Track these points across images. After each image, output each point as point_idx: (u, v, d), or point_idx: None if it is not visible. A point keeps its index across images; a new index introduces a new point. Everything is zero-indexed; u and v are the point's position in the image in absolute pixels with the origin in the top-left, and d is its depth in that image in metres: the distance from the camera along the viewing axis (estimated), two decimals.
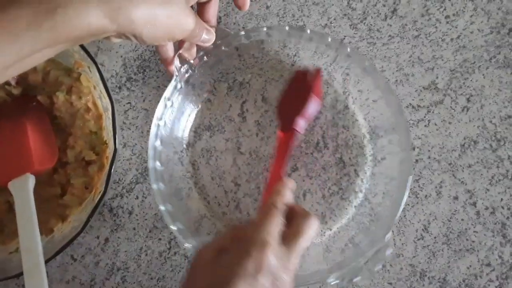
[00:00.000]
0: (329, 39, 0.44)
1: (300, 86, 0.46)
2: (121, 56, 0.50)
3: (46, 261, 0.40)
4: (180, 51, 0.43)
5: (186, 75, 0.45)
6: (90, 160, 0.45)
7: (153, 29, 0.33)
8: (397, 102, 0.44)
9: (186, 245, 0.43)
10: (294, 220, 0.37)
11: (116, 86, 0.50)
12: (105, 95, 0.42)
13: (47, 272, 0.48)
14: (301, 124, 0.46)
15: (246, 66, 0.49)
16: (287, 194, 0.39)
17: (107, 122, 0.45)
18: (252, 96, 0.49)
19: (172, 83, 0.44)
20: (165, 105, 0.45)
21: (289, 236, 0.36)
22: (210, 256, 0.35)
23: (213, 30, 0.42)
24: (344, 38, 0.50)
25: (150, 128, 0.49)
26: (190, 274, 0.35)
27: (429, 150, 0.49)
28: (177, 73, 0.44)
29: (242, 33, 0.44)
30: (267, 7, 0.50)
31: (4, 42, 0.29)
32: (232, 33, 0.44)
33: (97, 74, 0.42)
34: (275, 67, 0.49)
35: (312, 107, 0.46)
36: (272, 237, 0.34)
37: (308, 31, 0.44)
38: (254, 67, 0.50)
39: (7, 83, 0.46)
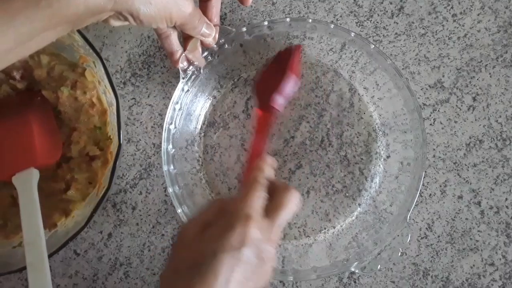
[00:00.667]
0: (332, 26, 0.43)
1: (279, 64, 0.46)
2: (126, 52, 0.50)
3: (49, 255, 0.40)
4: (185, 53, 0.43)
5: (193, 77, 0.45)
6: (94, 155, 0.45)
7: (150, 7, 0.33)
8: (413, 98, 0.44)
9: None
10: (275, 194, 0.37)
11: (121, 81, 0.50)
12: (110, 90, 0.42)
13: (50, 267, 0.48)
14: (279, 101, 0.45)
15: (251, 63, 0.49)
16: (268, 170, 0.39)
17: (111, 118, 0.45)
18: None
19: (179, 86, 0.44)
20: (174, 109, 0.45)
21: (271, 209, 0.36)
22: (193, 232, 0.35)
23: (213, 25, 0.42)
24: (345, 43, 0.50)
25: (154, 124, 0.50)
26: (174, 252, 0.35)
27: (434, 149, 0.49)
28: (183, 76, 0.44)
29: (244, 29, 0.44)
30: (273, 4, 0.50)
31: (0, 23, 0.29)
32: (234, 30, 0.44)
33: (102, 69, 0.42)
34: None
35: (289, 84, 0.45)
36: (255, 210, 0.35)
37: (310, 20, 0.44)
38: (259, 63, 0.49)
39: (12, 77, 0.46)
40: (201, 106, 0.49)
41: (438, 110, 0.49)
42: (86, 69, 0.46)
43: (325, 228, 0.48)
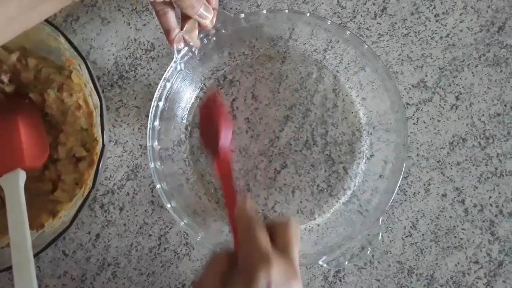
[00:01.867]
0: (329, 23, 0.44)
1: (209, 115, 0.47)
2: (113, 55, 0.51)
3: (35, 255, 0.40)
4: (181, 33, 0.43)
5: (186, 57, 0.45)
6: (81, 156, 0.46)
7: None
8: (398, 97, 0.44)
9: (182, 224, 0.44)
10: (277, 230, 0.36)
11: (108, 84, 0.51)
12: (92, 89, 0.42)
13: (39, 267, 0.49)
14: (225, 147, 0.46)
15: (236, 64, 0.50)
16: (250, 207, 0.38)
17: (97, 119, 0.45)
18: (242, 94, 0.50)
19: (172, 64, 0.45)
20: (165, 86, 0.45)
21: (282, 246, 0.35)
22: (215, 286, 0.34)
23: (211, 8, 0.42)
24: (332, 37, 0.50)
25: (141, 126, 0.50)
26: None
27: (417, 148, 0.49)
28: (177, 55, 0.44)
29: (242, 15, 0.44)
30: (258, 6, 0.51)
31: None
32: (232, 16, 0.44)
33: (86, 71, 0.42)
34: (265, 64, 0.50)
35: (226, 132, 0.46)
36: (269, 251, 0.33)
37: (308, 14, 0.44)
38: (243, 64, 0.50)
39: (1, 80, 0.47)
40: (186, 105, 0.50)
41: (421, 110, 0.50)
42: (72, 71, 0.46)
43: (309, 226, 0.49)
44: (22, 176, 0.43)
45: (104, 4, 0.50)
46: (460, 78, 0.50)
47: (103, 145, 0.42)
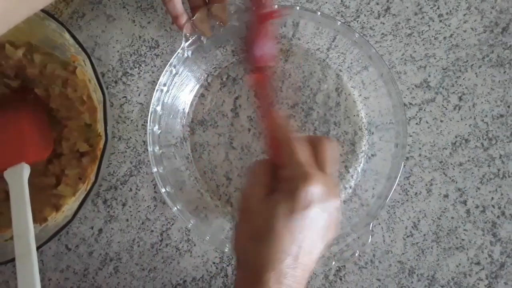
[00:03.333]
0: (338, 23, 0.44)
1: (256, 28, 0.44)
2: (118, 51, 0.51)
3: (38, 248, 0.41)
4: (193, 19, 0.44)
5: (194, 46, 0.45)
6: (84, 151, 0.46)
7: None
8: (399, 96, 0.44)
9: (190, 225, 0.45)
10: (316, 146, 0.37)
11: (112, 80, 0.51)
12: (96, 85, 0.43)
13: (42, 261, 0.49)
14: (263, 56, 0.44)
15: (239, 61, 0.50)
16: (290, 124, 0.39)
17: (101, 115, 0.46)
18: (245, 92, 0.50)
19: (179, 51, 0.45)
20: (171, 72, 0.45)
21: (320, 162, 0.36)
22: (258, 198, 0.35)
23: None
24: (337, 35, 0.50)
25: (144, 122, 0.51)
26: (245, 219, 0.36)
27: (420, 148, 0.49)
28: (185, 42, 0.45)
29: (254, 8, 0.44)
30: None
31: None
32: (244, 7, 0.45)
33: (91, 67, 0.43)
34: None
35: (265, 41, 0.44)
36: (310, 165, 0.35)
37: (319, 14, 0.44)
38: (247, 62, 0.50)
39: (7, 76, 0.47)
40: (187, 100, 0.50)
41: (424, 110, 0.50)
42: (77, 67, 0.47)
43: None
44: (26, 170, 0.43)
45: (110, 1, 0.51)
46: (463, 79, 0.50)
47: (106, 140, 0.42)
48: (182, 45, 0.45)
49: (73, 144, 0.47)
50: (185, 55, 0.45)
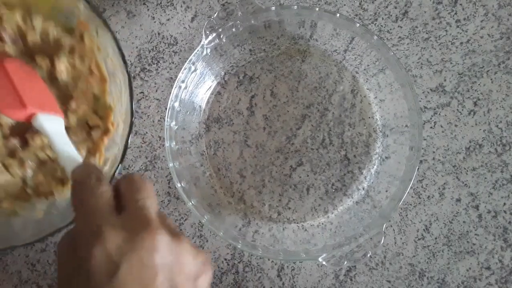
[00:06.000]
0: (338, 15, 0.44)
1: None
2: (137, 47, 0.52)
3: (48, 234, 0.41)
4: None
5: (212, 43, 0.46)
6: (94, 124, 0.44)
7: None
8: (416, 100, 0.45)
9: (204, 220, 0.45)
10: (120, 189, 0.32)
11: (131, 76, 0.51)
12: (113, 58, 0.41)
13: (55, 252, 0.49)
14: None
15: (256, 60, 0.51)
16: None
17: (112, 87, 0.43)
18: (261, 90, 0.51)
19: (199, 48, 0.45)
20: (189, 68, 0.45)
21: (133, 205, 0.31)
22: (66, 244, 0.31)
23: None
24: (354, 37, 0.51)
25: (161, 118, 0.51)
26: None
27: (434, 152, 0.50)
28: (205, 39, 0.45)
29: (273, 8, 0.45)
30: (280, 4, 0.51)
31: None
32: (263, 7, 0.45)
33: (106, 35, 0.40)
34: (285, 63, 0.50)
35: None
36: (104, 222, 0.29)
37: (338, 15, 0.44)
38: (264, 62, 0.51)
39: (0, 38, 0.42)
40: (204, 98, 0.51)
41: (439, 114, 0.50)
42: (84, 34, 0.44)
43: (323, 224, 0.49)
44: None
45: None
46: (478, 84, 0.50)
47: (131, 122, 0.41)
48: (202, 42, 0.45)
49: (81, 116, 0.44)
50: (204, 52, 0.46)
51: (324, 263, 0.44)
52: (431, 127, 0.50)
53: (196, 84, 0.48)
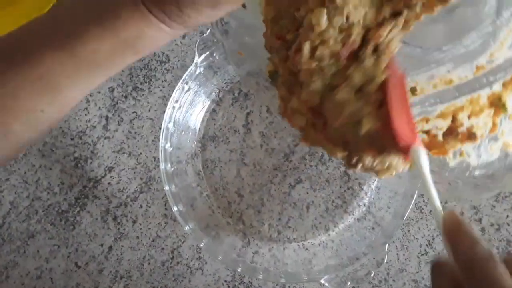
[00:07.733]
0: None
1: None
2: (128, 66, 0.50)
3: None
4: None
5: (206, 62, 0.45)
6: None
7: None
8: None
9: (202, 244, 0.44)
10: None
11: (122, 95, 0.50)
12: None
13: (51, 278, 0.49)
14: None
15: (251, 76, 0.49)
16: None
17: None
18: (257, 107, 0.49)
19: (192, 67, 0.44)
20: (183, 88, 0.45)
21: None
22: None
23: None
24: None
25: (155, 138, 0.50)
26: None
27: None
28: (198, 58, 0.44)
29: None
30: None
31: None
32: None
33: None
34: None
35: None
36: None
37: None
38: (259, 77, 0.50)
39: None
40: (198, 116, 0.49)
41: None
42: None
43: (324, 242, 0.48)
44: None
45: None
46: None
47: None
48: (195, 60, 0.44)
49: None
50: (198, 71, 0.45)
51: (326, 284, 0.43)
52: None
53: (190, 103, 0.47)
